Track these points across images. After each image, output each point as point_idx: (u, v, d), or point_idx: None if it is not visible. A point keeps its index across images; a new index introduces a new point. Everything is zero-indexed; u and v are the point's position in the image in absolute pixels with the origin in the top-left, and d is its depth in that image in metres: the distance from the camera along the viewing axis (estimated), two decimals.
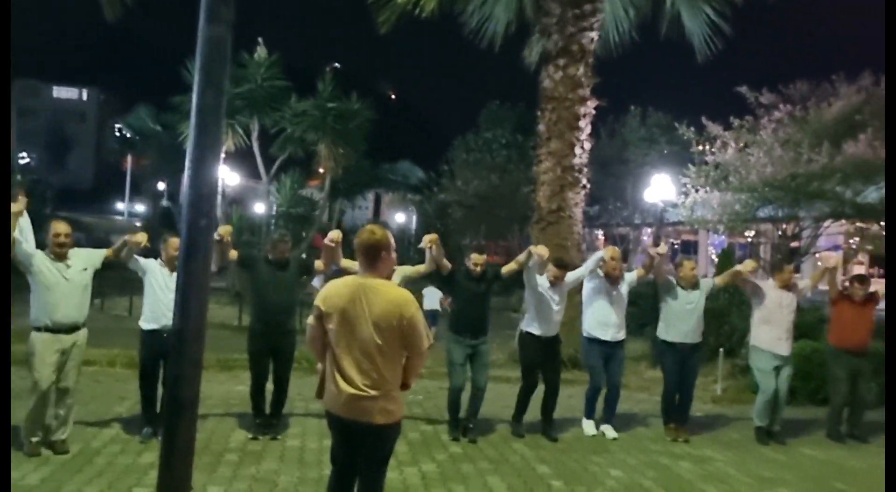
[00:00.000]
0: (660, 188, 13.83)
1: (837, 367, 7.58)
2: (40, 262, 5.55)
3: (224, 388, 8.44)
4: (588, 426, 7.27)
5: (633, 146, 21.80)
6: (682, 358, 7.22)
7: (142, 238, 5.98)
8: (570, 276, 7.12)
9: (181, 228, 2.71)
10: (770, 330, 7.26)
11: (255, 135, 18.26)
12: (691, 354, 7.25)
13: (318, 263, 6.66)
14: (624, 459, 6.52)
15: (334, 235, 6.32)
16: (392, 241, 3.92)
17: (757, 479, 6.15)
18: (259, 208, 25.02)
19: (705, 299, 7.34)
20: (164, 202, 35.94)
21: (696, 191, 11.79)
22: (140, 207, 54.77)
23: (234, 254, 6.46)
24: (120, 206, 63.48)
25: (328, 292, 3.84)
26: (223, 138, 2.74)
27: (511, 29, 13.22)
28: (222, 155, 19.16)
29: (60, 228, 5.64)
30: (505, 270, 6.99)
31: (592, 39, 11.47)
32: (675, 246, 33.74)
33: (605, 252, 7.18)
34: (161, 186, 43.14)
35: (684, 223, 12.81)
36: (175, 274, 5.96)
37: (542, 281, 6.95)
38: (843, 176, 10.13)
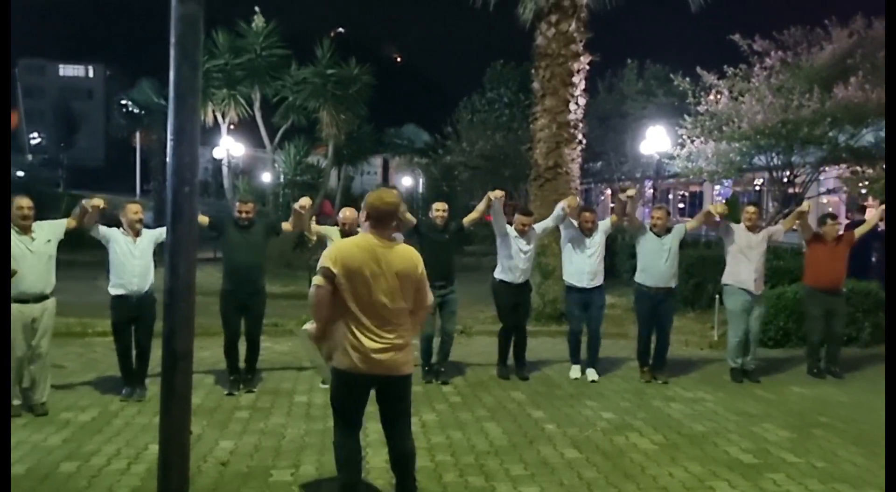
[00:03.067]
0: (655, 140, 13.89)
1: (812, 306, 7.86)
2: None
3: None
4: (573, 371, 7.66)
5: (630, 100, 21.72)
6: (656, 302, 7.45)
7: (98, 202, 6.15)
8: (538, 226, 7.52)
9: (166, 195, 2.92)
10: (740, 270, 7.48)
11: (257, 105, 18.38)
12: (665, 299, 7.48)
13: (286, 225, 6.92)
14: (617, 402, 6.80)
15: (304, 201, 6.61)
16: (401, 204, 4.33)
17: (744, 416, 6.42)
18: (266, 178, 25.27)
19: (680, 244, 7.59)
20: None
21: (692, 141, 11.87)
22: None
23: (204, 219, 6.58)
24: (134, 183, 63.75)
25: (340, 254, 3.89)
26: (200, 109, 2.95)
27: None
28: (227, 128, 19.43)
29: (23, 202, 5.77)
30: (466, 220, 7.34)
31: None
32: (683, 196, 33.78)
33: (563, 201, 7.45)
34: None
35: (680, 175, 12.90)
36: (138, 240, 6.36)
37: (511, 230, 7.34)
38: (833, 120, 10.20)
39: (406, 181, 39.13)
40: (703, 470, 5.02)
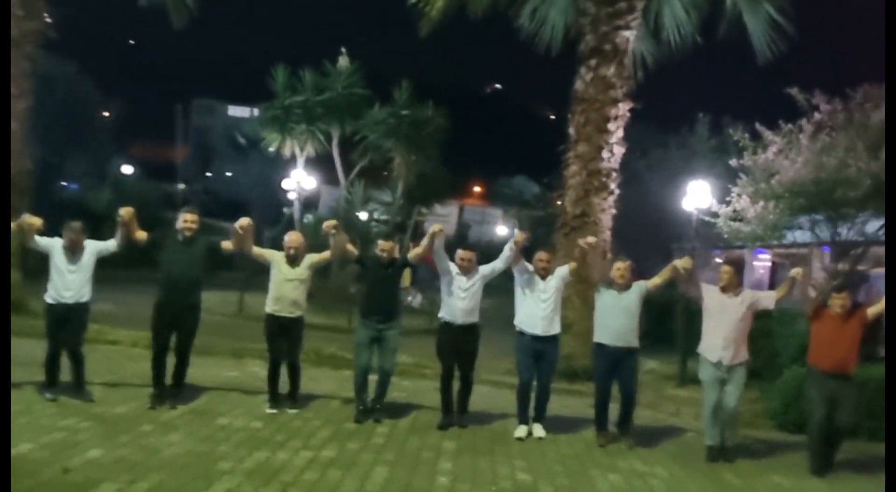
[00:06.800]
0: (695, 196, 12.77)
1: (813, 389, 6.75)
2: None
3: (213, 372, 8.73)
4: (519, 430, 6.96)
5: (700, 156, 20.28)
6: (615, 361, 6.77)
7: (35, 221, 6.42)
8: (485, 268, 7.03)
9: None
10: (711, 337, 6.66)
11: (335, 141, 18.91)
12: (624, 360, 6.78)
13: (226, 244, 6.86)
14: (550, 465, 6.15)
15: (243, 221, 6.58)
16: None
17: None
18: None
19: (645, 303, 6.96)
20: (285, 210, 37.56)
21: (739, 198, 10.89)
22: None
23: (142, 235, 6.71)
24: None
25: None
26: None
27: (571, 34, 12.88)
28: (303, 161, 20.02)
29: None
30: (411, 255, 7.12)
31: (628, 39, 11.01)
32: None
33: (516, 235, 6.98)
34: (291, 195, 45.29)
35: (722, 238, 11.76)
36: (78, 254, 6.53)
37: (453, 267, 6.94)
38: (876, 184, 8.91)
39: (500, 231, 38.99)
40: None
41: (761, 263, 23.58)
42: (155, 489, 4.64)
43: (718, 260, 29.26)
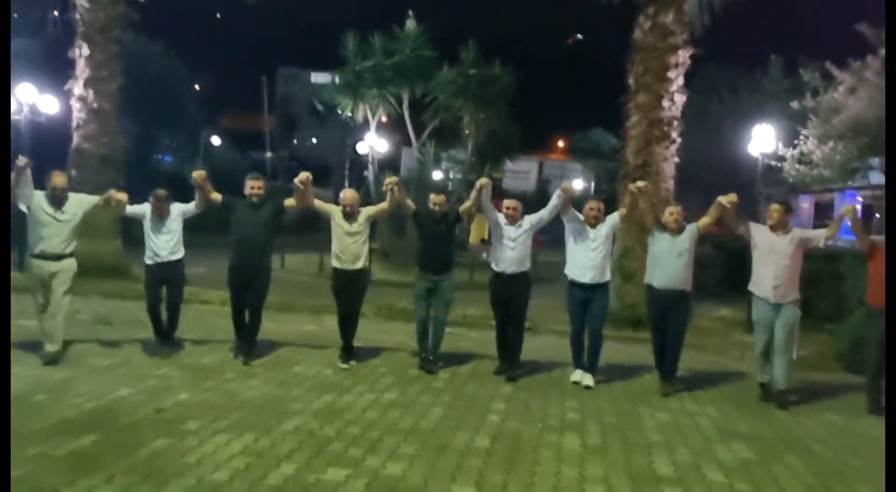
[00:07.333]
0: (760, 140, 12.39)
1: (872, 330, 6.75)
2: (37, 203, 6.68)
3: (293, 327, 9.44)
4: (575, 375, 7.29)
5: (772, 99, 19.48)
6: (665, 306, 6.92)
7: (121, 197, 7.04)
8: (532, 217, 7.24)
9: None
10: (760, 275, 6.76)
11: (405, 104, 19.26)
12: (676, 303, 6.91)
13: (289, 201, 7.26)
14: (600, 405, 6.49)
15: (303, 176, 6.94)
16: None
17: (727, 434, 5.80)
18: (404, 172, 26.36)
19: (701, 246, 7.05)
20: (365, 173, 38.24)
21: (807, 140, 10.66)
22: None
23: (217, 196, 7.24)
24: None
25: None
26: None
27: None
28: (375, 125, 20.57)
29: (57, 181, 6.74)
30: (462, 208, 7.36)
31: None
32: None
33: (563, 185, 7.13)
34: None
35: (789, 180, 11.46)
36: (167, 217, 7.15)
37: (501, 218, 7.16)
38: None
39: (577, 184, 38.63)
40: (598, 474, 4.73)
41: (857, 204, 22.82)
42: (233, 425, 5.25)
43: (805, 205, 28.36)
